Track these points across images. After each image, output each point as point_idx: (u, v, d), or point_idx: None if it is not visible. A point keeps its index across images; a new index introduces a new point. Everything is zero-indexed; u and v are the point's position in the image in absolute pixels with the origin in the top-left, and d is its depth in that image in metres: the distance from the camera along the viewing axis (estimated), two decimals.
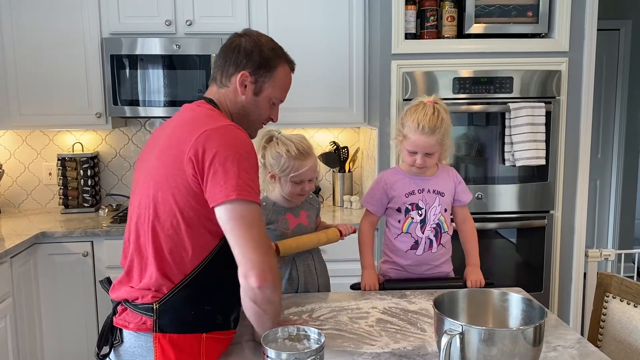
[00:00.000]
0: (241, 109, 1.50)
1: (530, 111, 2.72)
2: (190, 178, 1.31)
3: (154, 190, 1.37)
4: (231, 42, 1.51)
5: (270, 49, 1.50)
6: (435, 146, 1.90)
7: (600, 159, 4.77)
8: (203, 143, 1.31)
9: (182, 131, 1.38)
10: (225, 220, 1.29)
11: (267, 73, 1.49)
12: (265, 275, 1.27)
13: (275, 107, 1.56)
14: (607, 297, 1.77)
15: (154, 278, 1.35)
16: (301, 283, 1.97)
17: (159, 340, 1.33)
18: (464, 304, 1.42)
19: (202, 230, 1.35)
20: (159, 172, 1.37)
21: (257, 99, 1.50)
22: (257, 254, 1.27)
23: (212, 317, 1.38)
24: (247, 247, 1.28)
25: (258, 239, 1.29)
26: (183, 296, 1.35)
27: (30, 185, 3.36)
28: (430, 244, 1.99)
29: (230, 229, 1.29)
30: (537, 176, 2.87)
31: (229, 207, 1.28)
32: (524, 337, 1.18)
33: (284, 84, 1.54)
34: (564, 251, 2.93)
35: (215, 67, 1.54)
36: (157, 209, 1.35)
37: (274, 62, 1.50)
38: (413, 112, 1.91)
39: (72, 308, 2.80)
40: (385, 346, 1.46)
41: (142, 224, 1.38)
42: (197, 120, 1.39)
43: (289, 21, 3.00)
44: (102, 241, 2.78)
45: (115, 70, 2.92)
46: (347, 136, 3.45)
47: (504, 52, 2.78)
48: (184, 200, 1.33)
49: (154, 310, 1.34)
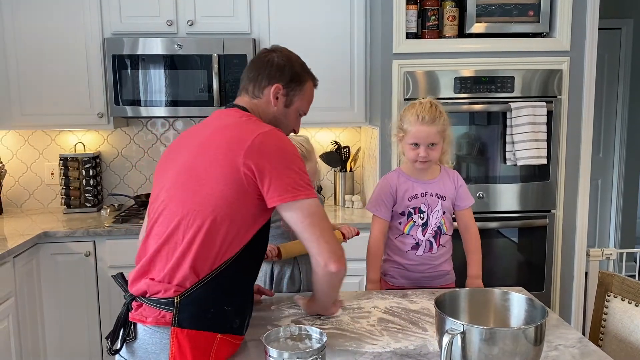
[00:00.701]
0: (272, 119, 1.58)
1: (532, 110, 2.72)
2: (245, 178, 1.37)
3: (198, 185, 1.40)
4: (264, 56, 1.61)
5: (299, 65, 1.63)
6: (437, 137, 1.91)
7: (602, 158, 4.77)
8: (259, 146, 1.38)
9: (232, 132, 1.43)
10: (298, 219, 1.39)
11: (298, 87, 1.61)
12: (341, 260, 1.42)
13: (299, 120, 1.69)
14: (609, 296, 1.77)
15: (182, 270, 1.36)
16: (303, 282, 1.98)
17: (176, 335, 1.34)
18: (465, 303, 1.42)
19: (242, 228, 1.40)
20: (205, 170, 1.41)
21: (288, 111, 1.61)
22: (332, 244, 1.41)
23: (230, 319, 1.40)
24: (323, 239, 1.40)
25: (328, 229, 1.42)
26: (205, 291, 1.37)
27: (32, 185, 3.36)
28: (430, 246, 1.99)
29: (305, 226, 1.39)
30: (538, 175, 2.87)
31: (299, 206, 1.38)
32: (525, 337, 1.18)
33: (310, 98, 1.69)
34: (565, 250, 2.93)
35: (246, 79, 1.61)
36: (203, 204, 1.38)
37: (303, 78, 1.63)
38: (411, 107, 1.95)
39: (74, 308, 2.80)
40: (387, 345, 1.46)
41: (183, 218, 1.39)
42: (247, 123, 1.46)
43: (290, 21, 3.00)
44: (104, 241, 2.79)
45: (117, 70, 2.93)
46: (348, 136, 3.45)
47: (505, 52, 2.78)
48: (233, 197, 1.38)
49: (175, 304, 1.35)
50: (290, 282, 1.99)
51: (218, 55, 2.92)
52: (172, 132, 3.39)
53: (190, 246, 1.37)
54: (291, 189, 1.38)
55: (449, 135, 1.97)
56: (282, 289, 2.00)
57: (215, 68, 2.91)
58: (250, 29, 3.01)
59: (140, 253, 1.48)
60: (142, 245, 1.48)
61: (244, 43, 2.94)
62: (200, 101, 2.96)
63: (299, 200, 1.38)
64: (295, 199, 1.38)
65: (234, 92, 2.95)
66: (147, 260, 1.42)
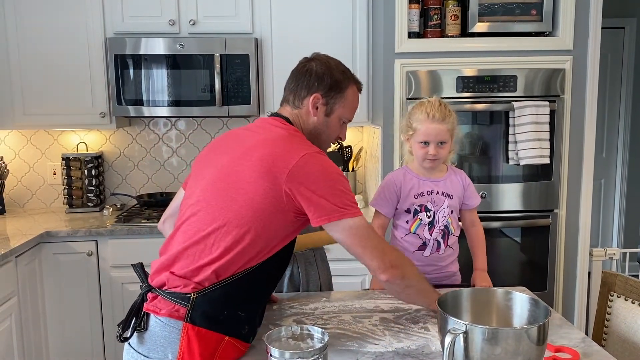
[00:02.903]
0: (313, 129, 1.59)
1: (535, 110, 2.72)
2: (284, 196, 1.39)
3: (236, 193, 1.41)
4: (302, 66, 1.60)
5: (340, 71, 1.60)
6: (447, 135, 1.91)
7: (605, 158, 4.76)
8: (303, 167, 1.40)
9: (276, 148, 1.44)
10: (344, 238, 1.43)
11: (338, 95, 1.58)
12: (389, 271, 1.45)
13: (344, 127, 1.67)
14: (612, 296, 1.76)
15: (204, 271, 1.38)
16: (303, 282, 1.98)
17: (187, 331, 1.35)
18: (467, 303, 1.42)
19: (271, 240, 1.42)
20: (245, 179, 1.41)
21: (329, 120, 1.60)
22: (376, 259, 1.44)
23: (240, 325, 1.41)
24: (366, 256, 1.44)
25: (373, 245, 1.45)
26: (222, 294, 1.38)
27: (34, 185, 3.37)
28: (437, 246, 1.98)
29: (349, 244, 1.44)
30: (541, 175, 2.86)
31: (344, 226, 1.41)
32: (528, 336, 1.18)
33: (353, 104, 1.64)
34: (568, 250, 2.92)
35: (287, 89, 1.62)
36: (239, 211, 1.39)
37: (344, 84, 1.59)
38: (420, 106, 1.95)
39: (76, 307, 2.81)
40: (389, 345, 1.46)
41: (215, 220, 1.41)
42: (291, 141, 1.47)
43: (292, 21, 3.00)
44: (107, 241, 2.79)
45: (119, 70, 2.93)
46: (350, 135, 3.45)
47: (508, 51, 2.77)
48: (269, 210, 1.40)
49: (191, 300, 1.36)
50: (289, 282, 1.98)
51: (220, 54, 2.92)
52: (174, 132, 3.40)
53: (222, 254, 1.39)
54: (337, 208, 1.40)
55: (457, 134, 1.97)
56: (282, 289, 2.00)
57: (217, 68, 2.90)
58: (252, 29, 3.01)
59: (165, 245, 1.50)
60: (169, 238, 1.50)
61: (246, 42, 2.94)
62: (203, 101, 2.96)
63: (343, 219, 1.41)
64: (340, 218, 1.41)
65: (235, 92, 2.96)
66: (172, 256, 1.43)
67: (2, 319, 2.36)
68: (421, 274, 1.60)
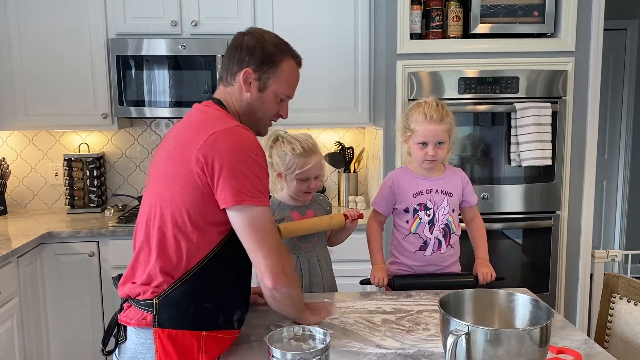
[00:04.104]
0: (247, 106, 1.49)
1: (537, 111, 2.71)
2: (198, 178, 1.33)
3: (162, 188, 1.40)
4: (234, 40, 1.51)
5: (273, 44, 1.49)
6: (445, 135, 1.92)
7: (607, 160, 4.75)
8: (212, 145, 1.33)
9: (190, 132, 1.40)
10: (238, 226, 1.34)
11: (271, 69, 1.47)
12: (278, 277, 1.35)
13: (284, 104, 1.55)
14: (614, 297, 1.76)
15: (155, 274, 1.37)
16: (306, 282, 1.97)
17: (158, 336, 1.35)
18: (469, 304, 1.41)
19: (208, 228, 1.37)
20: (167, 172, 1.40)
21: (262, 96, 1.49)
22: (270, 259, 1.34)
23: (213, 316, 1.39)
24: (260, 253, 1.34)
25: (270, 243, 1.35)
26: (182, 292, 1.37)
27: (36, 186, 3.37)
28: (439, 245, 1.98)
29: (244, 235, 1.35)
30: (543, 176, 2.86)
31: (242, 212, 1.33)
32: (531, 338, 1.18)
33: (290, 79, 1.52)
34: (570, 252, 2.91)
35: (221, 67, 1.54)
36: (164, 207, 1.38)
37: (278, 57, 1.48)
38: (417, 107, 1.95)
39: (78, 308, 2.80)
40: (391, 346, 1.45)
41: (149, 221, 1.41)
42: (205, 121, 1.40)
43: (295, 22, 3.00)
44: (108, 241, 2.79)
45: (121, 70, 2.93)
46: (352, 136, 3.45)
47: (510, 52, 2.77)
48: (191, 199, 1.35)
49: (154, 305, 1.36)
50: None
51: (222, 55, 2.91)
52: None
53: (161, 250, 1.37)
54: (237, 192, 1.31)
55: (455, 134, 1.98)
56: None
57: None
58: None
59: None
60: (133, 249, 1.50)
61: None
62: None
63: (242, 205, 1.32)
64: (238, 203, 1.31)
65: None
66: (130, 266, 1.44)
67: (4, 319, 2.36)
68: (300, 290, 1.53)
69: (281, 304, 1.44)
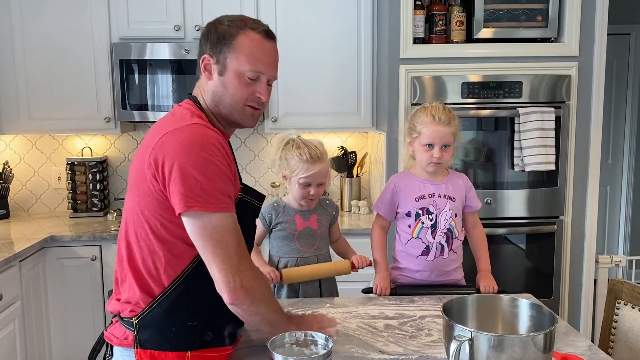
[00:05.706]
0: (212, 95, 1.36)
1: (540, 116, 2.71)
2: (152, 185, 1.24)
3: (127, 197, 1.33)
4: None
5: (228, 21, 1.34)
6: (451, 138, 1.92)
7: (611, 164, 4.73)
8: (161, 147, 1.23)
9: (150, 134, 1.31)
10: (191, 234, 1.23)
11: (225, 47, 1.32)
12: (236, 293, 1.22)
13: (258, 83, 1.35)
14: (619, 303, 1.75)
15: (132, 291, 1.30)
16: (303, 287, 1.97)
17: (140, 357, 1.28)
18: (473, 309, 1.41)
19: (173, 239, 1.27)
20: (132, 179, 1.32)
21: (224, 79, 1.33)
22: (224, 273, 1.22)
23: (199, 334, 1.30)
24: (214, 266, 1.22)
25: (226, 254, 1.22)
26: (162, 311, 1.28)
27: (39, 190, 3.38)
28: (441, 250, 1.97)
29: (198, 245, 1.23)
30: (546, 181, 2.85)
31: (192, 219, 1.21)
32: (534, 344, 1.17)
33: (252, 52, 1.32)
34: (574, 257, 2.90)
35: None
36: (128, 219, 1.31)
37: (231, 32, 1.32)
38: (424, 109, 1.95)
39: (80, 312, 2.80)
40: (394, 352, 1.45)
41: (121, 234, 1.34)
42: (167, 122, 1.31)
43: (297, 27, 3.00)
44: (110, 245, 2.79)
45: (125, 75, 2.94)
46: (355, 141, 3.45)
47: (513, 57, 2.76)
48: (149, 209, 1.26)
49: (134, 325, 1.29)
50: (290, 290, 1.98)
51: None
52: None
53: (132, 266, 1.30)
54: (185, 197, 1.18)
55: (460, 139, 1.98)
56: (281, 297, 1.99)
57: None
58: None
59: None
60: None
61: None
62: None
63: (192, 212, 1.19)
64: (187, 209, 1.19)
65: None
66: (114, 282, 1.39)
67: (6, 323, 2.35)
68: (274, 298, 1.38)
69: (249, 320, 1.32)
